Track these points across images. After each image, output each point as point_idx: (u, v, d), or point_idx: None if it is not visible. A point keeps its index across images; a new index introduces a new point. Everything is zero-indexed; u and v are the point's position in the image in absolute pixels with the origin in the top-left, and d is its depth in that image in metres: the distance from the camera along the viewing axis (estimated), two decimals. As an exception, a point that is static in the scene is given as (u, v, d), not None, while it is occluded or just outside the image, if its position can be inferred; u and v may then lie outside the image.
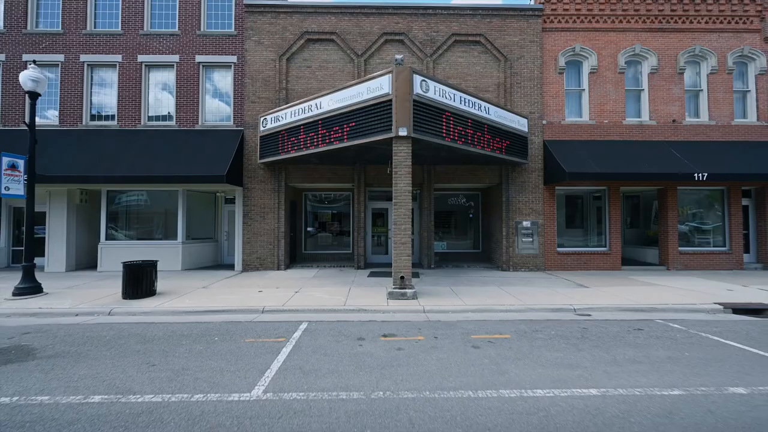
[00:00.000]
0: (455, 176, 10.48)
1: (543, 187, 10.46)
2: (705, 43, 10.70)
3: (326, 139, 7.97)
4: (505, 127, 9.05)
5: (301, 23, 10.26)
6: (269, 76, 10.21)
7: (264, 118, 9.61)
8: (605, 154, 9.96)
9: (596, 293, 7.33)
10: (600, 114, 10.63)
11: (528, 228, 10.33)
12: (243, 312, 5.96)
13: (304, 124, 8.43)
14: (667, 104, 10.69)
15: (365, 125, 7.22)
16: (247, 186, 10.20)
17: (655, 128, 10.63)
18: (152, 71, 10.52)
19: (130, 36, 10.34)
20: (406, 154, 6.89)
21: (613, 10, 10.59)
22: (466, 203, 12.46)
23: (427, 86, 7.15)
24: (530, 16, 10.45)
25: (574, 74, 10.89)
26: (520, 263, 10.29)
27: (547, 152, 10.28)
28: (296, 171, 10.29)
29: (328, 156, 8.99)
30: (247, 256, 10.16)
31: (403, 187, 6.92)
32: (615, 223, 10.55)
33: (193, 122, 10.35)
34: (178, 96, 10.34)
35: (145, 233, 10.65)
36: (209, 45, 10.36)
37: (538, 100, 10.44)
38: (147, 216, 10.80)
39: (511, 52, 10.38)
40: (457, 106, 7.73)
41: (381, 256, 11.71)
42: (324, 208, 12.52)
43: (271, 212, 10.17)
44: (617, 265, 10.44)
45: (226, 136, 10.10)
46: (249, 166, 10.22)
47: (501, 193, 10.45)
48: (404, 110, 6.79)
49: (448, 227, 12.40)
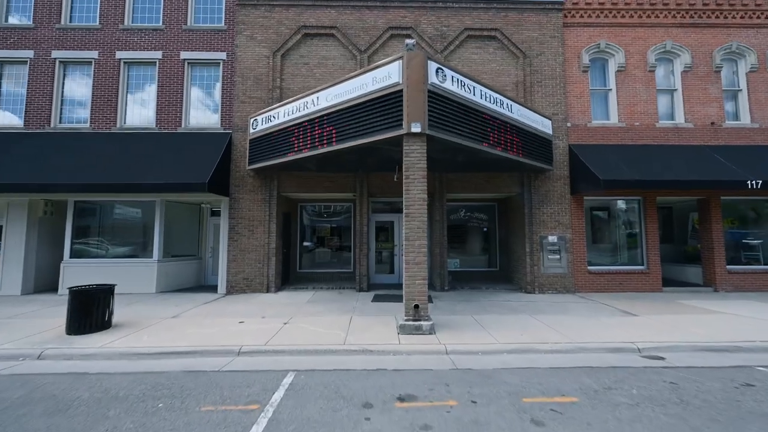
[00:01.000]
0: (470, 185, 9.27)
1: (570, 197, 9.23)
2: (742, 39, 9.72)
3: (324, 140, 6.80)
4: (529, 128, 7.92)
5: (298, 17, 9.28)
6: (262, 74, 9.15)
7: (254, 119, 8.48)
8: (640, 160, 8.79)
9: (651, 324, 5.98)
10: (630, 116, 9.53)
11: (554, 244, 9.04)
12: (213, 354, 4.60)
13: (299, 124, 7.28)
14: (704, 105, 9.61)
15: (370, 122, 6.06)
16: (234, 196, 8.96)
17: (693, 131, 9.51)
18: (132, 69, 9.46)
19: (108, 31, 9.35)
20: (419, 155, 5.69)
21: (640, 3, 9.66)
22: (481, 216, 11.21)
23: (444, 75, 6.03)
24: (550, 10, 9.50)
25: (600, 73, 9.86)
26: (547, 284, 8.94)
27: (573, 158, 9.12)
28: (290, 179, 9.08)
29: (326, 161, 7.80)
30: (232, 276, 8.82)
31: (416, 195, 5.69)
32: (652, 238, 9.28)
33: (175, 125, 9.22)
34: (159, 96, 9.25)
35: (119, 250, 9.33)
36: (196, 40, 9.35)
37: (561, 100, 9.36)
38: (121, 230, 9.50)
39: (529, 48, 9.37)
40: (478, 100, 6.60)
41: (386, 275, 10.35)
42: (322, 222, 11.27)
43: (261, 226, 8.90)
44: (657, 286, 9.10)
45: (212, 140, 8.95)
46: (237, 174, 9.02)
47: (522, 203, 9.21)
48: (417, 102, 5.63)
49: (461, 243, 11.09)
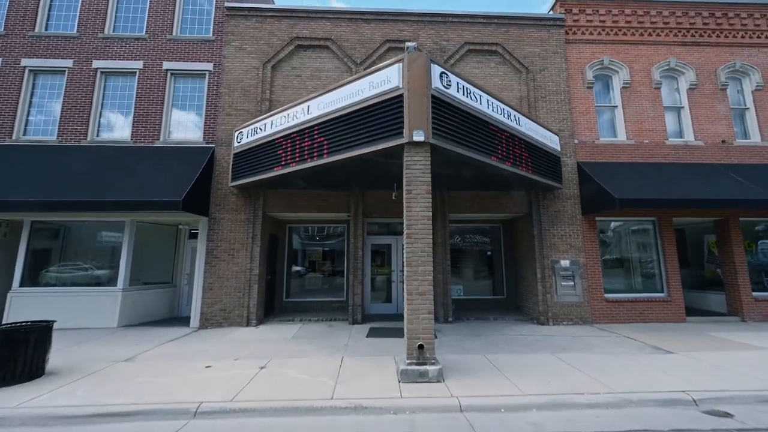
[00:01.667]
0: (474, 204, 8.55)
1: (581, 218, 8.55)
2: (745, 57, 9.55)
3: (315, 153, 6.07)
4: (538, 143, 7.34)
5: (290, 29, 8.85)
6: (250, 86, 8.55)
7: (239, 132, 7.77)
8: (653, 179, 8.22)
9: (694, 364, 5.10)
10: (638, 133, 9.09)
11: (567, 269, 8.24)
12: (162, 416, 3.55)
13: (287, 135, 6.58)
14: (713, 123, 9.24)
15: (366, 131, 5.37)
16: (214, 216, 8.07)
17: (704, 149, 9.07)
18: (109, 79, 8.80)
19: (86, 39, 8.75)
20: (422, 167, 4.96)
21: (641, 22, 9.50)
22: (484, 238, 10.43)
23: (449, 81, 5.43)
24: (551, 26, 9.25)
25: (605, 89, 9.51)
26: (561, 314, 8.05)
27: (583, 176, 8.52)
28: (277, 198, 8.26)
29: (317, 176, 7.04)
30: (207, 307, 7.74)
31: (419, 212, 4.90)
32: (671, 262, 8.54)
33: (153, 138, 8.45)
34: (137, 107, 8.54)
35: (81, 277, 8.22)
36: (181, 51, 8.80)
37: (567, 116, 8.91)
38: (87, 255, 8.42)
39: (532, 64, 9.01)
40: (485, 110, 6.00)
41: (382, 305, 9.34)
42: (314, 245, 10.35)
43: (243, 249, 7.96)
44: (681, 316, 8.26)
45: (193, 154, 8.17)
46: (218, 191, 8.17)
47: (531, 225, 8.48)
48: (420, 108, 4.97)
49: (464, 268, 10.21)
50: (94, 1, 8.92)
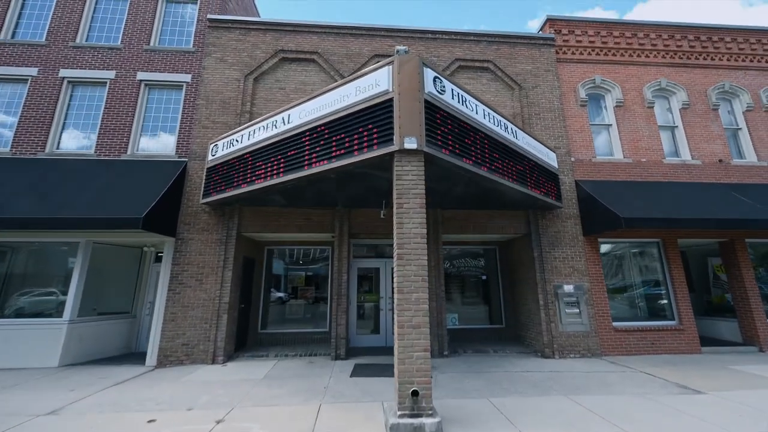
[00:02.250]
0: (469, 224, 7.94)
1: (582, 239, 8.01)
2: (733, 79, 9.59)
3: (294, 165, 5.44)
4: (536, 158, 6.91)
5: (276, 41, 8.50)
6: (230, 98, 8.02)
7: (215, 145, 7.13)
8: (654, 198, 7.83)
9: (731, 407, 4.36)
10: (635, 152, 8.82)
11: (572, 294, 7.57)
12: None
13: (265, 147, 5.97)
14: (708, 142, 9.07)
15: (352, 139, 4.79)
16: (182, 236, 7.23)
17: (702, 168, 8.82)
18: (77, 89, 8.17)
19: (55, 48, 8.20)
20: (415, 178, 4.35)
21: (630, 43, 9.53)
22: (479, 262, 9.75)
23: (443, 86, 4.97)
24: (541, 45, 9.17)
25: (598, 107, 9.33)
26: (568, 346, 7.28)
27: (583, 194, 8.08)
28: (254, 216, 7.51)
29: (297, 192, 6.38)
30: (167, 342, 6.72)
31: (412, 230, 4.23)
32: (680, 287, 7.98)
33: (119, 151, 7.73)
34: (104, 119, 7.87)
35: (30, 306, 7.14)
36: (158, 61, 8.30)
37: (562, 133, 8.60)
38: (37, 280, 7.39)
39: (524, 81, 8.80)
40: (481, 120, 5.54)
41: (370, 336, 8.41)
42: (296, 269, 9.48)
43: (213, 274, 7.07)
44: (695, 347, 7.58)
45: (163, 169, 7.44)
46: (189, 209, 7.39)
47: (530, 246, 7.88)
48: (412, 113, 4.45)
49: (459, 294, 9.44)
50: (67, 11, 8.46)
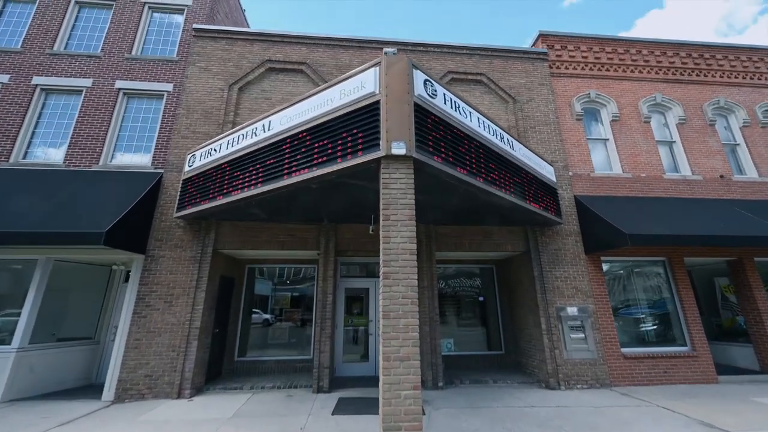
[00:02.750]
0: (464, 241, 7.44)
1: (585, 257, 7.54)
2: (727, 95, 9.51)
3: (274, 174, 4.98)
4: (534, 171, 6.54)
5: (263, 52, 8.25)
6: (213, 108, 7.65)
7: (192, 155, 6.68)
8: (658, 214, 7.46)
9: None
10: (634, 167, 8.53)
11: (576, 317, 7.01)
12: None
13: (244, 155, 5.52)
14: (708, 158, 8.84)
15: (335, 146, 4.36)
16: (153, 253, 6.61)
17: (703, 184, 8.53)
18: (50, 97, 7.76)
19: (30, 55, 7.85)
20: (404, 186, 3.89)
21: (623, 59, 9.47)
22: (475, 282, 9.18)
23: (434, 90, 4.61)
24: (535, 60, 9.05)
25: (594, 122, 9.12)
26: (574, 375, 6.64)
27: (583, 210, 7.69)
28: (233, 232, 6.95)
29: (279, 204, 5.87)
30: (128, 372, 5.96)
31: (399, 244, 3.72)
32: (690, 309, 7.47)
33: (91, 161, 7.23)
34: (77, 128, 7.42)
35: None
36: (138, 70, 7.96)
37: (558, 147, 8.31)
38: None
39: (519, 94, 8.60)
40: (476, 128, 5.17)
41: (358, 364, 7.67)
42: (280, 290, 8.80)
43: (185, 295, 6.42)
44: (711, 375, 6.98)
45: (137, 180, 6.93)
46: (162, 224, 6.81)
47: (529, 265, 7.38)
48: (400, 116, 4.05)
49: (454, 316, 8.81)
50: (47, 18, 8.19)
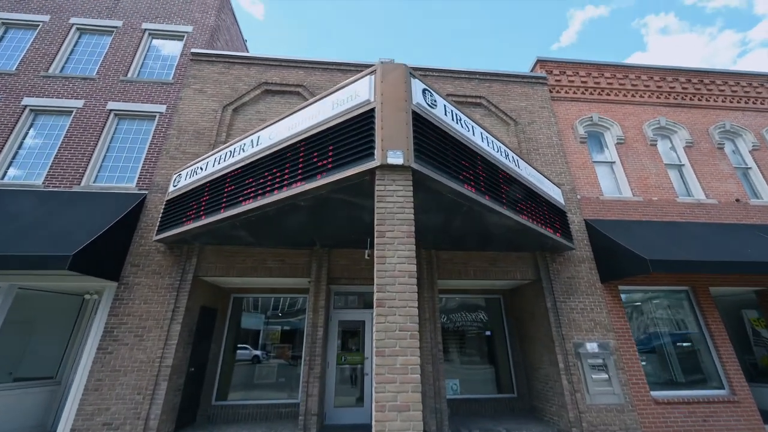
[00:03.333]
0: (469, 268, 6.84)
1: (601, 286, 6.90)
2: (732, 119, 9.34)
3: (258, 191, 4.55)
4: (542, 192, 6.10)
5: (260, 75, 8.17)
6: (204, 128, 7.41)
7: (178, 175, 6.30)
8: (676, 239, 6.92)
9: None
10: (644, 190, 8.13)
11: (596, 354, 6.23)
12: None
13: (229, 173, 5.13)
14: (720, 181, 8.46)
15: (326, 158, 3.96)
16: (127, 280, 6.02)
17: (720, 208, 8.07)
18: (39, 117, 7.56)
19: (24, 76, 7.76)
20: (402, 199, 3.43)
21: (622, 84, 9.43)
22: (481, 315, 8.43)
23: (434, 100, 4.29)
24: (534, 84, 8.98)
25: (599, 144, 8.86)
26: (600, 424, 5.75)
27: (595, 235, 7.17)
28: (217, 257, 6.39)
29: (266, 227, 5.38)
30: (84, 419, 5.14)
31: (397, 266, 3.18)
32: (723, 345, 6.70)
33: (72, 182, 6.85)
34: (62, 148, 7.13)
35: None
36: (132, 92, 7.83)
37: (564, 169, 7.96)
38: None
39: (519, 116, 8.41)
40: (479, 143, 4.81)
41: (352, 410, 6.74)
42: (273, 323, 8.03)
43: (158, 327, 5.74)
44: (756, 424, 6.07)
45: (118, 202, 6.50)
46: (140, 249, 6.28)
47: (541, 295, 6.73)
48: (397, 124, 3.68)
49: (458, 354, 7.97)
50: (46, 43, 8.22)
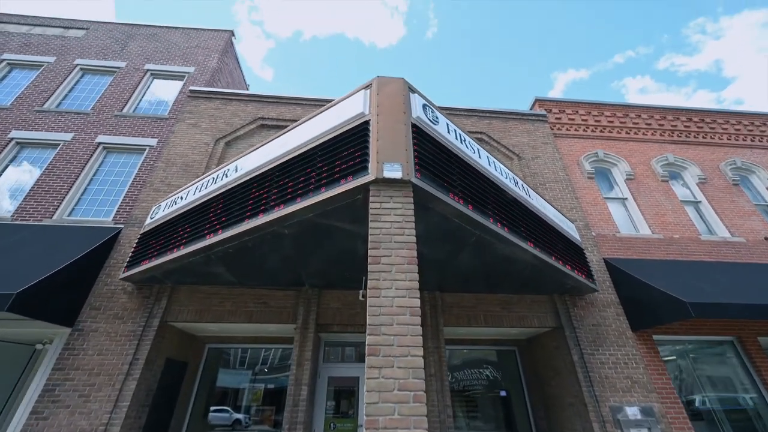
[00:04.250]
0: (479, 314, 5.97)
1: (632, 336, 5.96)
2: (742, 156, 9.07)
3: (236, 217, 3.97)
4: (556, 225, 5.50)
5: (256, 111, 8.09)
6: (194, 161, 7.07)
7: (158, 206, 5.78)
8: (711, 280, 6.15)
9: None
10: (663, 227, 7.54)
11: (640, 422, 5.11)
12: None
13: (208, 201, 4.60)
14: (743, 218, 7.90)
15: (314, 175, 3.45)
16: (83, 326, 5.17)
17: (748, 247, 7.39)
18: (24, 150, 7.27)
19: (17, 111, 7.66)
20: (401, 218, 2.83)
21: (623, 122, 9.34)
22: (494, 371, 7.30)
23: (436, 116, 3.92)
24: (534, 121, 8.88)
25: (608, 180, 8.47)
26: None
27: (618, 275, 6.41)
28: (191, 298, 5.59)
29: (246, 261, 4.70)
30: None
31: (394, 299, 2.47)
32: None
33: (43, 215, 6.31)
34: (41, 180, 6.72)
35: None
36: (125, 126, 7.66)
37: (575, 204, 7.45)
38: None
39: (523, 152, 8.14)
40: (486, 166, 4.34)
41: (340, 494, 5.44)
42: (261, 380, 6.90)
43: (109, 385, 4.75)
44: None
45: (89, 236, 5.89)
46: (104, 289, 5.52)
47: (565, 345, 5.77)
48: (395, 135, 3.22)
49: (466, 418, 6.71)
50: (46, 80, 8.29)
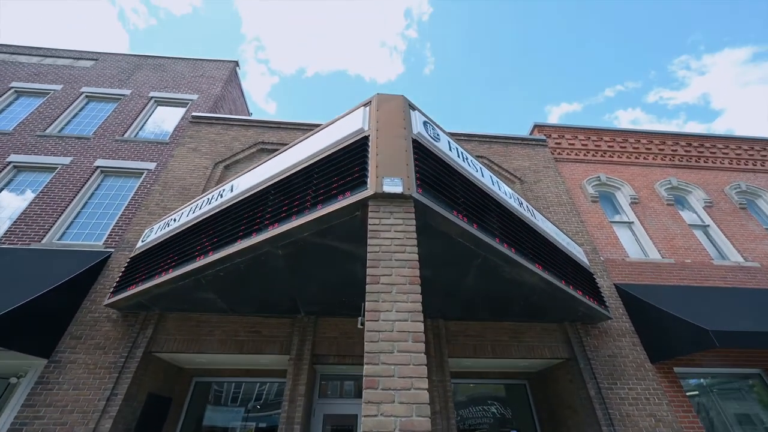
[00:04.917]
0: (485, 343, 5.57)
1: (652, 368, 5.53)
2: (746, 179, 8.98)
3: (230, 237, 3.78)
4: (563, 248, 5.28)
5: (257, 135, 8.12)
6: (191, 184, 6.97)
7: (150, 229, 5.60)
8: (733, 308, 5.82)
9: None
10: (673, 251, 7.28)
11: (670, 468, 4.59)
12: None
13: (201, 222, 4.43)
14: (755, 242, 7.66)
15: (307, 194, 3.31)
16: (60, 357, 4.80)
17: (765, 272, 7.09)
18: (21, 174, 7.21)
19: (19, 136, 7.68)
20: (402, 235, 2.63)
21: (623, 147, 9.35)
22: (502, 407, 6.74)
23: (437, 134, 3.83)
24: (535, 145, 8.89)
25: (612, 204, 8.32)
26: None
27: (630, 301, 6.07)
28: (179, 327, 5.25)
29: (238, 286, 4.44)
30: None
31: (395, 323, 2.20)
32: (832, 452, 5.04)
33: (33, 239, 6.11)
34: (34, 202, 6.59)
35: None
36: (125, 150, 7.65)
37: (580, 228, 7.25)
38: None
39: (525, 176, 8.07)
40: (490, 186, 4.22)
41: None
42: (254, 419, 6.34)
43: (81, 425, 4.31)
44: None
45: (78, 261, 5.66)
46: (87, 317, 5.20)
47: (580, 379, 5.32)
48: (395, 150, 3.11)
49: (480, 462, 6.10)
50: (50, 107, 8.40)
